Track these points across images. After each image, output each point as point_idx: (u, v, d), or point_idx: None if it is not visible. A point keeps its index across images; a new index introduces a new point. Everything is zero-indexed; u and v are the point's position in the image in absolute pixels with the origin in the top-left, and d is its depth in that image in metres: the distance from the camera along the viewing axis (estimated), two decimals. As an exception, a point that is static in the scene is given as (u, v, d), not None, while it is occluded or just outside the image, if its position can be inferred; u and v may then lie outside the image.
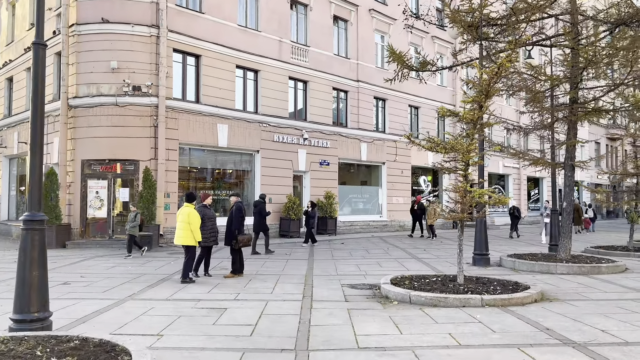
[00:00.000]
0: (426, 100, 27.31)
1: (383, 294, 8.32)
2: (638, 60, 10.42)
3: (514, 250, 15.30)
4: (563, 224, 11.83)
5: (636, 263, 12.70)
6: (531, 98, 11.99)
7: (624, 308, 7.23)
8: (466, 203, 8.58)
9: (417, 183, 27.64)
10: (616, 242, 20.04)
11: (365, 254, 14.71)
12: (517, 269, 11.37)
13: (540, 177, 37.04)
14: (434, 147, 8.76)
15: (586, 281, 9.79)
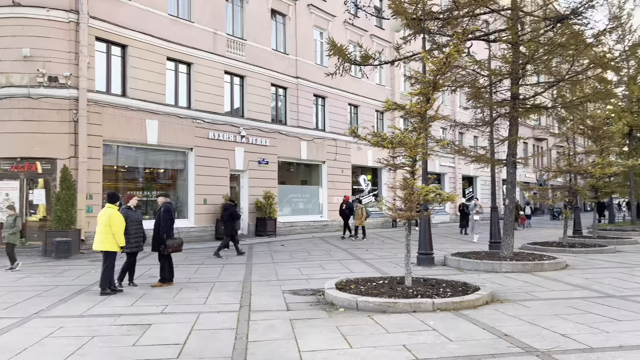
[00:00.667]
0: (365, 99, 27.11)
1: (328, 300, 7.67)
2: (578, 58, 10.41)
3: (455, 249, 15.18)
4: (505, 221, 11.71)
5: (572, 258, 12.84)
6: (473, 94, 11.80)
7: (576, 308, 6.98)
8: (414, 201, 8.10)
9: (357, 182, 27.36)
10: (548, 237, 20.60)
11: (307, 256, 14.04)
12: (462, 268, 11.10)
13: (474, 175, 37.99)
14: (380, 142, 8.21)
15: (531, 279, 9.62)
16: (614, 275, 9.92)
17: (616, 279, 9.54)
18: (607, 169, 15.58)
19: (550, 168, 18.19)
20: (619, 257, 13.22)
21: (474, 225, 19.10)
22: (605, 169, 15.55)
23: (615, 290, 8.35)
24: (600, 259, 12.95)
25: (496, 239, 14.52)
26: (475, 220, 19.15)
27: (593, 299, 7.59)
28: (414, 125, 8.36)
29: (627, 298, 7.65)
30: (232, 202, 15.47)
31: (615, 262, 12.20)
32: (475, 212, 19.29)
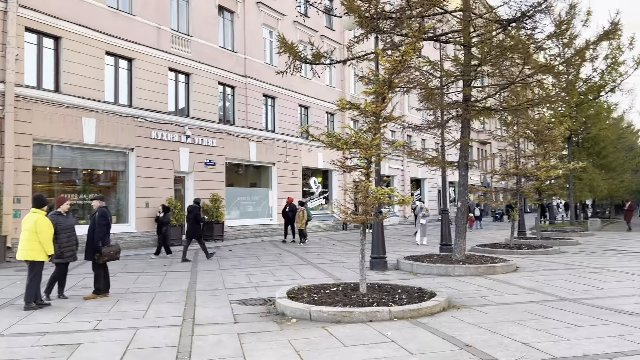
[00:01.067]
0: (316, 100, 26.81)
1: (279, 311, 7.19)
2: (527, 61, 10.45)
3: (406, 251, 15.07)
4: (458, 223, 11.63)
5: (521, 260, 12.96)
6: (426, 95, 11.66)
7: (533, 313, 6.84)
8: (369, 204, 7.76)
9: (307, 185, 26.98)
10: (494, 239, 20.98)
11: (256, 262, 13.47)
12: (415, 272, 10.90)
13: (422, 178, 38.54)
14: (334, 142, 7.83)
15: (485, 282, 9.52)
16: (563, 277, 9.99)
17: (565, 281, 9.60)
18: (551, 171, 15.94)
19: (497, 170, 18.47)
20: (564, 258, 13.49)
21: (421, 228, 18.89)
22: (550, 171, 15.91)
23: (567, 293, 8.34)
24: (547, 260, 13.15)
25: (447, 242, 14.53)
26: (422, 223, 18.85)
27: (547, 303, 7.51)
28: (368, 126, 8.03)
29: (580, 301, 7.62)
30: (197, 203, 14.80)
31: (562, 263, 12.40)
32: (422, 216, 19.10)
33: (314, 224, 25.81)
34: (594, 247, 16.98)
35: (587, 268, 11.32)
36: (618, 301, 7.55)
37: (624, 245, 18.00)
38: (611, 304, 7.31)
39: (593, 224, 26.41)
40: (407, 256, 12.33)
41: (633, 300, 7.57)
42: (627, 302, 7.44)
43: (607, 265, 11.71)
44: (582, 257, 13.94)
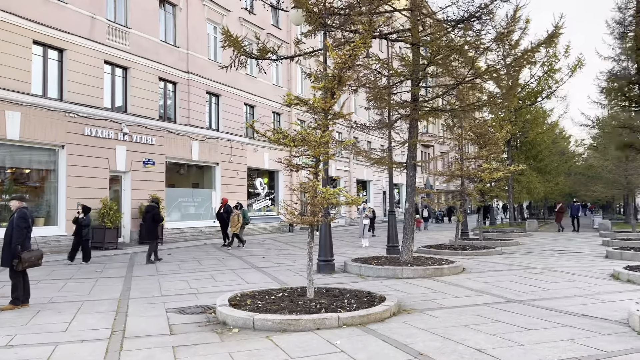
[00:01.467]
0: (261, 99, 26.23)
1: (220, 319, 6.66)
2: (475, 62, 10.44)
3: (353, 253, 14.83)
4: (405, 224, 11.48)
5: (466, 261, 13.00)
6: (374, 94, 11.44)
7: (483, 316, 6.67)
8: (318, 205, 7.37)
9: (253, 185, 26.33)
10: (439, 240, 21.22)
11: (197, 266, 12.78)
12: (363, 275, 10.62)
13: (368, 180, 38.74)
14: (281, 139, 7.38)
15: (433, 285, 9.36)
16: (509, 279, 10.01)
17: (512, 282, 9.61)
18: (494, 173, 16.21)
19: (443, 172, 18.65)
20: (508, 259, 13.68)
21: (364, 230, 18.67)
22: (493, 173, 16.17)
23: (515, 294, 8.29)
24: (491, 261, 13.27)
25: (394, 243, 14.41)
26: (364, 225, 18.61)
27: (496, 305, 7.40)
28: (317, 122, 7.64)
29: (528, 303, 7.56)
30: (156, 203, 14.25)
31: (506, 264, 12.52)
32: (365, 217, 18.88)
33: (259, 225, 25.24)
34: (534, 248, 17.43)
35: (530, 268, 11.46)
36: (564, 302, 7.54)
37: (561, 245, 18.62)
38: (558, 305, 7.28)
39: (530, 225, 27.33)
40: (354, 258, 12.05)
41: (579, 302, 7.59)
42: (573, 303, 7.44)
43: (549, 266, 11.91)
44: (524, 257, 14.19)
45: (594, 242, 19.67)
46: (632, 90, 13.54)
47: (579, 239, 22.19)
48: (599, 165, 25.13)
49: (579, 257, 14.07)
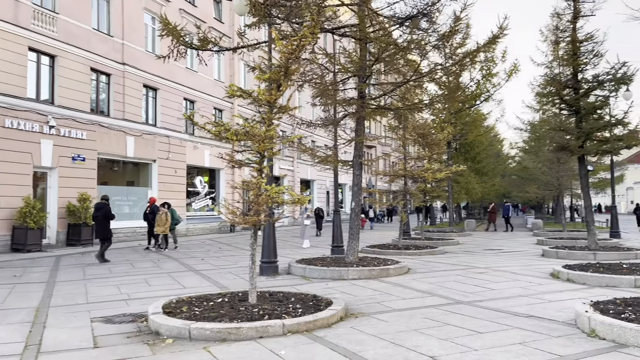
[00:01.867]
0: (202, 94, 25.31)
1: (152, 329, 6.05)
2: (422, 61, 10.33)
3: (297, 254, 14.44)
4: (351, 224, 11.21)
5: (411, 261, 12.93)
6: (321, 90, 11.10)
7: (433, 319, 6.46)
8: (262, 203, 6.90)
9: (192, 184, 25.35)
10: (381, 240, 21.25)
11: (130, 269, 11.93)
12: (308, 277, 10.24)
13: (312, 179, 38.50)
14: (222, 133, 6.85)
15: (380, 286, 9.12)
16: (454, 279, 9.95)
17: (457, 282, 9.54)
18: (437, 174, 16.33)
19: (387, 172, 18.61)
20: (451, 259, 13.75)
21: (304, 230, 17.93)
22: (436, 174, 16.28)
23: (461, 295, 8.18)
24: (435, 260, 13.28)
25: (338, 243, 14.15)
26: (305, 225, 17.91)
27: (445, 307, 7.22)
28: (262, 116, 7.16)
29: (475, 304, 7.45)
30: (106, 200, 13.57)
31: (449, 263, 12.55)
32: (306, 217, 18.23)
33: (199, 226, 24.33)
34: (474, 247, 17.75)
35: (473, 268, 11.51)
36: (510, 302, 7.49)
37: (499, 244, 19.10)
38: (505, 306, 7.20)
39: (469, 224, 28.05)
40: (299, 259, 11.64)
41: (524, 302, 7.56)
42: (519, 304, 7.39)
43: (491, 265, 12.03)
44: (466, 257, 14.34)
45: (529, 241, 20.35)
46: (568, 94, 13.95)
47: (514, 238, 22.94)
48: (534, 167, 26.14)
49: (518, 256, 14.38)
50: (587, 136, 13.98)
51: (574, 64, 13.89)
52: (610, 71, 13.39)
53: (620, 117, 13.68)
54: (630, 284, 8.54)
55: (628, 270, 9.23)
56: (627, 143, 13.49)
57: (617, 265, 9.98)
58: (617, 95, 13.40)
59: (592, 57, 13.80)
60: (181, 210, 22.96)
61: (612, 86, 13.39)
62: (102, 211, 13.19)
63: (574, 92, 14.14)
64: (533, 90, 34.16)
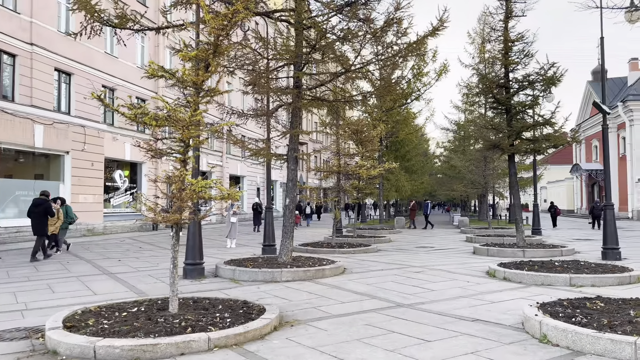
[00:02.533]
0: (123, 82, 23.55)
1: (49, 347, 5.07)
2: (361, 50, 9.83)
3: (225, 254, 13.57)
4: (285, 222, 10.52)
5: (345, 260, 12.47)
6: (253, 78, 10.29)
7: (376, 326, 5.92)
8: (185, 199, 6.05)
9: (111, 179, 23.53)
10: (313, 237, 20.76)
11: (33, 273, 10.52)
12: (237, 280, 9.43)
13: (242, 175, 37.36)
14: (139, 116, 5.92)
15: (315, 289, 8.51)
16: (391, 279, 9.54)
17: (395, 282, 9.13)
18: (371, 170, 16.01)
19: (321, 168, 18.07)
20: (385, 257, 13.43)
21: (231, 229, 16.55)
22: (370, 170, 15.96)
23: (402, 297, 7.74)
24: (370, 259, 12.90)
25: (270, 242, 13.42)
26: (232, 223, 16.46)
27: (386, 311, 6.73)
28: (187, 99, 6.29)
29: (417, 307, 7.02)
30: (47, 196, 12.77)
31: (384, 262, 12.20)
32: (232, 214, 16.71)
33: (118, 223, 22.63)
34: (406, 245, 17.65)
35: (409, 267, 11.20)
36: (453, 305, 7.13)
37: (430, 242, 19.18)
38: (448, 309, 6.83)
39: (399, 222, 28.24)
40: (227, 260, 10.77)
41: (466, 303, 7.24)
42: (462, 306, 7.05)
43: (426, 264, 11.80)
44: (400, 255, 14.10)
45: (457, 239, 20.64)
46: (500, 93, 14.06)
47: (443, 235, 23.27)
48: (462, 165, 26.76)
49: (450, 254, 14.34)
50: (517, 135, 14.18)
51: (505, 63, 14.01)
52: (540, 71, 13.61)
53: (548, 117, 13.94)
54: (566, 282, 8.51)
55: (561, 269, 9.24)
56: (554, 142, 13.80)
57: (549, 263, 10.01)
58: (546, 94, 13.64)
59: (522, 56, 13.99)
60: (98, 206, 21.22)
61: (542, 86, 13.63)
62: (41, 207, 12.55)
63: (505, 91, 14.29)
64: (461, 91, 35.32)
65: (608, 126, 13.03)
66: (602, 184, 46.17)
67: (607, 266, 9.60)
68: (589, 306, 5.84)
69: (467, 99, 33.61)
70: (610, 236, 12.12)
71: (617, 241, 12.15)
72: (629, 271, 8.94)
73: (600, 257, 12.44)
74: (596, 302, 6.04)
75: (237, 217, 16.42)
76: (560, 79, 13.23)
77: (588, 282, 8.45)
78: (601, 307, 5.80)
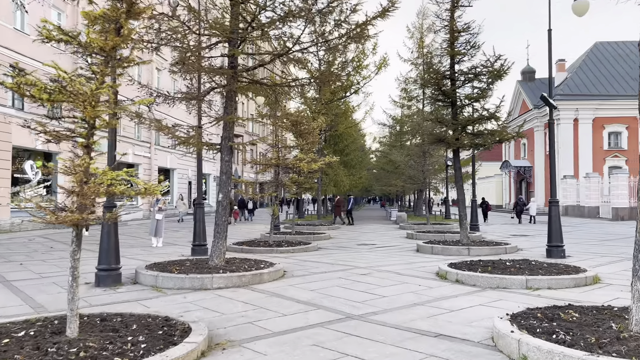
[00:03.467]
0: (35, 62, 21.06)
1: None
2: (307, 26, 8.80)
3: (150, 256, 12.17)
4: (218, 221, 9.32)
5: (284, 261, 11.46)
6: (182, 56, 8.99)
7: (326, 347, 4.96)
8: (89, 194, 4.79)
9: (22, 170, 21.07)
10: (249, 235, 19.60)
11: None
12: (160, 287, 8.15)
13: (172, 168, 35.31)
14: (24, 87, 4.57)
15: (252, 297, 7.43)
16: (337, 283, 8.63)
17: (341, 287, 8.23)
18: (312, 164, 15.08)
19: (258, 160, 16.89)
20: (327, 257, 12.55)
21: (156, 226, 14.80)
22: (311, 164, 15.02)
23: (351, 306, 6.83)
24: (311, 259, 11.96)
25: (201, 241, 12.17)
26: (157, 220, 14.84)
27: (336, 326, 5.78)
28: (92, 68, 5.00)
29: (369, 319, 6.14)
30: None
31: (327, 263, 11.30)
32: (158, 210, 14.99)
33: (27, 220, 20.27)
34: (347, 242, 16.90)
35: (355, 268, 10.35)
36: (409, 315, 6.30)
37: (369, 238, 18.55)
38: (405, 321, 5.99)
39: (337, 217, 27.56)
40: (150, 264, 9.41)
41: (423, 312, 6.44)
42: (418, 316, 6.24)
43: (371, 264, 11.01)
44: (342, 253, 13.27)
45: (397, 235, 20.19)
46: (446, 85, 13.55)
47: (382, 231, 22.79)
48: (401, 160, 26.46)
49: (394, 252, 13.69)
50: (463, 129, 13.74)
51: (452, 54, 13.50)
52: (486, 63, 13.21)
53: (492, 110, 13.59)
54: (522, 284, 7.96)
55: (515, 270, 8.72)
56: (500, 137, 13.47)
57: (500, 264, 9.51)
58: (492, 87, 13.26)
59: (469, 47, 13.54)
60: (4, 200, 18.88)
61: (488, 79, 13.23)
62: None
63: (451, 82, 13.80)
64: (399, 86, 35.16)
65: (554, 121, 12.83)
66: (529, 181, 48.07)
67: (559, 266, 9.21)
68: (564, 317, 5.18)
69: (405, 94, 33.47)
70: (555, 234, 11.90)
71: (561, 239, 11.95)
72: (583, 272, 8.56)
73: (544, 255, 12.24)
74: (569, 311, 5.41)
75: (163, 213, 14.84)
76: (507, 71, 12.88)
77: (544, 284, 7.94)
78: (577, 318, 5.16)
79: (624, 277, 8.98)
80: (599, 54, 44.62)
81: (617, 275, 9.11)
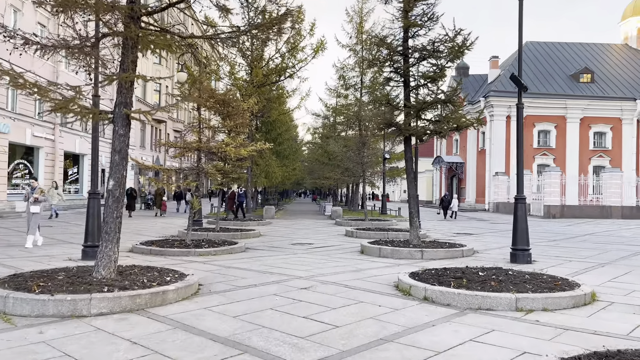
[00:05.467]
0: None
1: None
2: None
3: (24, 259, 9.40)
4: (107, 217, 6.78)
5: (202, 267, 9.13)
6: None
7: None
8: None
9: None
10: (165, 231, 16.98)
11: None
12: (10, 315, 5.53)
13: (81, 153, 31.36)
14: None
15: (147, 332, 5.04)
16: (270, 304, 6.41)
17: (276, 311, 6.02)
18: (241, 150, 12.75)
19: (175, 144, 14.22)
20: (256, 260, 10.30)
21: (32, 220, 11.73)
22: (240, 149, 12.69)
23: (292, 347, 4.67)
24: (237, 265, 9.64)
25: (95, 241, 9.51)
26: (33, 214, 11.73)
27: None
28: None
29: (322, 370, 4.01)
30: None
31: (257, 270, 9.04)
32: (34, 201, 11.81)
33: None
34: (279, 240, 14.71)
35: (292, 279, 8.17)
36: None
37: (304, 235, 16.53)
38: (376, 376, 3.92)
39: (268, 211, 25.34)
40: (4, 278, 6.68)
41: (396, 357, 4.41)
42: (394, 365, 4.19)
43: (312, 272, 8.89)
44: (275, 256, 11.06)
45: (335, 232, 18.29)
46: (398, 62, 11.68)
47: (317, 227, 20.82)
48: (339, 151, 24.62)
49: (335, 254, 11.68)
50: (417, 113, 11.96)
51: (407, 25, 11.66)
52: (444, 38, 11.48)
53: (450, 94, 11.92)
54: (510, 305, 6.17)
55: (497, 284, 6.93)
56: (457, 124, 11.80)
57: (473, 274, 7.72)
58: (453, 65, 11.57)
59: (426, 19, 11.75)
60: None
61: (448, 55, 11.51)
62: None
63: (404, 59, 11.98)
64: (337, 72, 33.34)
65: (523, 105, 11.32)
66: (461, 177, 48.18)
67: (543, 277, 7.56)
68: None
69: (343, 82, 31.66)
70: (521, 235, 10.40)
71: (527, 241, 10.47)
72: (577, 286, 6.93)
73: (506, 259, 10.75)
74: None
75: (40, 205, 11.69)
76: (470, 47, 11.19)
77: (539, 305, 6.19)
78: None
79: (617, 291, 7.50)
80: (529, 54, 45.26)
81: (610, 290, 7.60)
